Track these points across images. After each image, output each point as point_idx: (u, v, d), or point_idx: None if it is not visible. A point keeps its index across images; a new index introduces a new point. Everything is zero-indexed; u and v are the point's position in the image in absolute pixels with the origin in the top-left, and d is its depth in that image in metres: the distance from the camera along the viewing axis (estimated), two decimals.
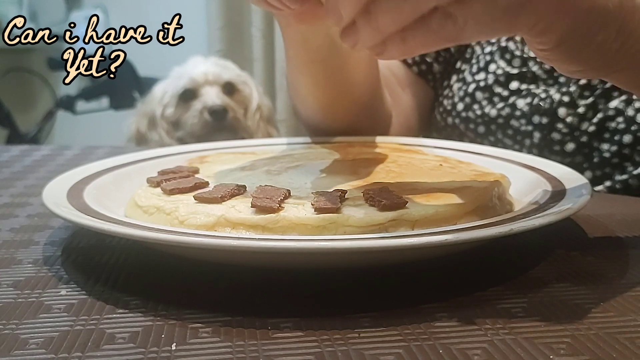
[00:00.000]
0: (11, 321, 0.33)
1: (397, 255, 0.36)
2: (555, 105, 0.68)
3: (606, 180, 0.66)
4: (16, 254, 0.43)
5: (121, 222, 0.38)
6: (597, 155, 0.66)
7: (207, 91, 1.71)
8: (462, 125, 0.75)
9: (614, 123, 0.65)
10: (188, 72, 1.75)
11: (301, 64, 0.61)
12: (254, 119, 1.74)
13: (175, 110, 1.71)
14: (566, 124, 0.68)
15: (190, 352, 0.29)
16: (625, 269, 0.39)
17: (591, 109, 0.66)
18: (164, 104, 1.71)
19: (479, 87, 0.74)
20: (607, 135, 0.66)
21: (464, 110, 0.75)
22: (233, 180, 0.45)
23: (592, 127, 0.66)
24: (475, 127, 0.74)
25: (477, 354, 0.29)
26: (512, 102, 0.71)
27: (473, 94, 0.74)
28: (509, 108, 0.71)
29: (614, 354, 0.28)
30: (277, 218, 0.37)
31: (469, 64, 0.78)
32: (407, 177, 0.45)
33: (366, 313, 0.33)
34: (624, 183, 0.65)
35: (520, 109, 0.71)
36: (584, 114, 0.67)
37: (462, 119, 0.75)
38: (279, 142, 0.65)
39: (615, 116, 0.65)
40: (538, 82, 0.71)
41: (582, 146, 0.67)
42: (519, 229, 0.35)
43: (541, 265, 0.40)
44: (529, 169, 0.51)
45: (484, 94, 0.73)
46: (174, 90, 1.72)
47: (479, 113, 0.73)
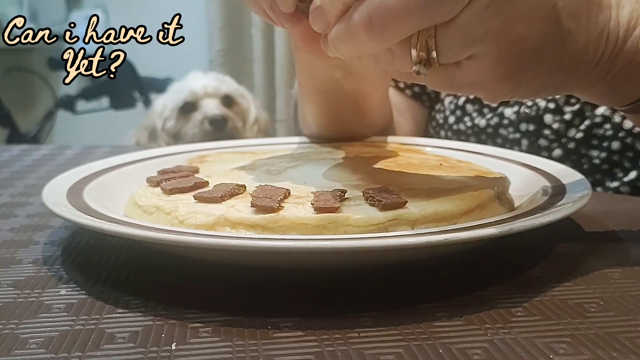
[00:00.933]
0: (11, 321, 0.33)
1: (397, 255, 0.36)
2: (541, 112, 0.68)
3: (597, 187, 0.66)
4: (16, 253, 0.43)
5: (121, 221, 0.38)
6: (586, 162, 0.67)
7: (206, 103, 1.76)
8: (454, 137, 0.77)
9: (601, 130, 0.65)
10: (188, 86, 1.80)
11: (308, 91, 0.61)
12: (252, 131, 1.79)
13: (176, 123, 1.75)
14: (553, 131, 0.68)
15: (190, 352, 0.29)
16: (626, 268, 0.39)
17: (578, 115, 0.67)
18: (165, 117, 1.76)
19: (469, 100, 0.76)
20: (595, 142, 0.66)
21: (455, 122, 0.76)
22: (233, 179, 0.45)
23: (579, 133, 0.66)
24: (466, 139, 0.75)
25: (477, 353, 0.29)
26: (500, 112, 0.73)
27: (463, 106, 0.76)
28: (497, 117, 0.73)
29: (614, 353, 0.28)
30: (277, 218, 0.37)
31: None
32: (407, 177, 0.45)
33: (366, 313, 0.33)
34: (616, 190, 0.65)
35: (508, 117, 0.72)
36: (571, 121, 0.67)
37: (454, 132, 0.76)
38: (279, 142, 0.65)
39: (602, 123, 0.65)
40: None
41: (570, 153, 0.67)
42: (519, 229, 0.35)
43: (541, 265, 0.40)
44: (529, 169, 0.51)
45: (474, 105, 0.75)
46: (175, 103, 1.77)
47: (469, 124, 0.75)
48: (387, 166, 0.49)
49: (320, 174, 0.47)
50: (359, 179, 0.45)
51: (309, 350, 0.29)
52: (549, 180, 0.47)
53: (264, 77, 2.52)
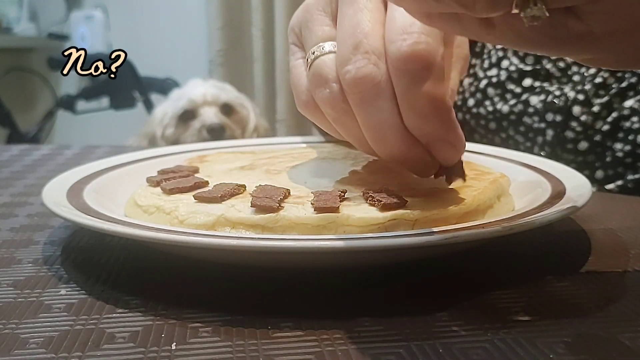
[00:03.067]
0: (11, 321, 0.33)
1: (397, 255, 0.36)
2: (570, 103, 0.67)
3: (618, 179, 0.66)
4: (16, 253, 0.43)
5: (121, 221, 0.38)
6: (609, 154, 0.66)
7: (205, 111, 1.77)
8: (472, 121, 0.75)
9: (628, 122, 0.65)
10: (187, 94, 1.82)
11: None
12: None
13: (175, 131, 1.77)
14: (580, 123, 0.67)
15: (190, 352, 0.29)
16: (626, 268, 0.39)
17: (606, 108, 0.66)
18: (164, 125, 1.77)
19: (491, 83, 0.73)
20: (621, 135, 0.65)
21: (475, 106, 0.74)
22: (233, 179, 0.45)
23: (606, 126, 0.66)
24: (486, 124, 0.73)
25: (477, 353, 0.29)
26: (525, 99, 0.71)
27: (485, 90, 0.74)
28: (522, 105, 0.71)
29: (614, 353, 0.28)
30: (277, 217, 0.37)
31: (480, 58, 0.77)
32: (407, 177, 0.45)
33: (366, 313, 0.33)
34: (636, 182, 0.65)
35: (534, 106, 0.70)
36: (599, 113, 0.66)
37: (473, 115, 0.74)
38: (279, 142, 0.65)
39: (629, 116, 0.65)
40: (552, 80, 0.71)
41: (596, 145, 0.67)
42: (519, 229, 0.35)
43: (541, 265, 0.40)
44: (529, 168, 0.51)
45: (496, 90, 0.73)
46: (174, 111, 1.78)
47: (491, 109, 0.73)
48: (387, 166, 0.49)
49: (320, 174, 0.47)
50: (359, 179, 0.45)
51: (309, 350, 0.29)
52: (549, 180, 0.47)
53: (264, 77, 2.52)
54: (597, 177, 0.67)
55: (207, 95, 1.79)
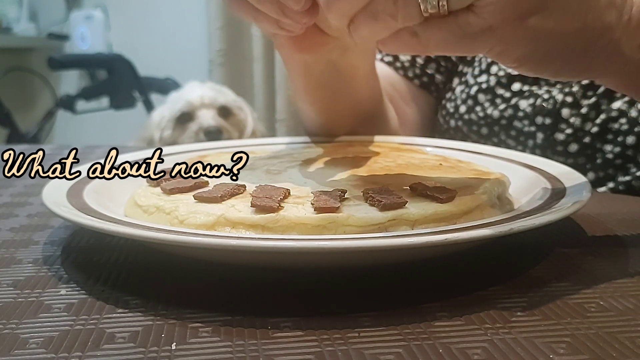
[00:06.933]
0: (11, 321, 0.33)
1: (397, 255, 0.36)
2: (559, 105, 0.68)
3: (609, 181, 0.66)
4: (16, 253, 0.43)
5: (121, 221, 0.38)
6: (600, 156, 0.66)
7: (202, 113, 1.78)
8: (465, 127, 0.75)
9: (616, 124, 0.65)
10: (185, 96, 1.82)
11: (304, 91, 0.61)
12: None
13: (173, 133, 1.77)
14: (570, 125, 0.67)
15: (190, 352, 0.29)
16: (626, 268, 0.39)
17: (594, 109, 0.66)
18: (162, 128, 1.78)
19: (481, 89, 0.74)
20: (610, 137, 0.65)
21: (467, 112, 0.75)
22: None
23: (595, 128, 0.66)
24: (478, 129, 0.74)
25: (477, 353, 0.29)
26: (514, 103, 0.71)
27: (475, 96, 0.74)
28: (512, 109, 0.71)
29: (614, 353, 0.28)
30: (277, 217, 0.37)
31: (471, 66, 0.78)
32: (407, 177, 0.45)
33: (366, 313, 0.33)
34: (627, 184, 0.65)
35: (523, 109, 0.70)
36: (587, 115, 0.67)
37: (465, 121, 0.75)
38: (279, 142, 0.65)
39: (618, 117, 0.65)
40: (540, 83, 0.71)
41: (585, 147, 0.67)
42: (519, 229, 0.35)
43: (541, 265, 0.40)
44: (529, 168, 0.51)
45: (486, 95, 0.73)
46: (171, 113, 1.79)
47: (482, 115, 0.73)
48: (387, 166, 0.49)
49: (320, 174, 0.47)
50: (358, 179, 0.45)
51: (309, 350, 0.29)
52: (549, 180, 0.47)
53: (264, 76, 2.52)
54: (589, 180, 0.67)
55: (205, 97, 1.79)
